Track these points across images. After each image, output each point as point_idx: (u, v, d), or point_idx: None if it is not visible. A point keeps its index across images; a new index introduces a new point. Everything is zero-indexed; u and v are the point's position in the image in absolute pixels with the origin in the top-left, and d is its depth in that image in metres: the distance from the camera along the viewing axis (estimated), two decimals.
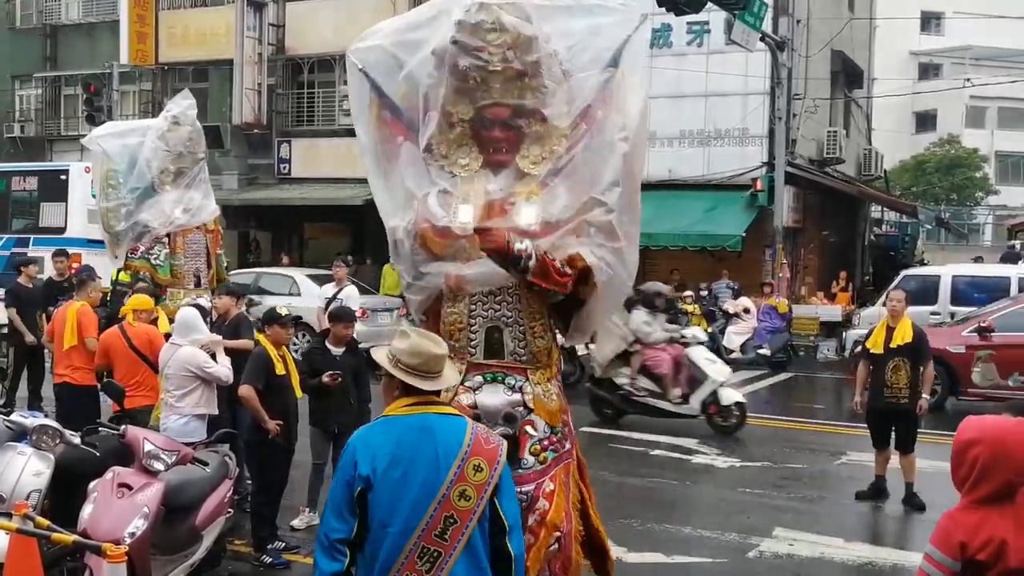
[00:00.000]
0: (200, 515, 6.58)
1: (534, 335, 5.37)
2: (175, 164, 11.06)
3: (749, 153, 23.37)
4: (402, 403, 4.03)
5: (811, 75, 24.54)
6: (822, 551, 8.34)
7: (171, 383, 7.97)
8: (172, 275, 10.90)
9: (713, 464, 11.39)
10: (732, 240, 21.82)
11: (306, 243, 30.15)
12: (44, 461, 6.41)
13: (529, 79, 5.29)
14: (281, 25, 28.36)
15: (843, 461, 11.73)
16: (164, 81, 30.14)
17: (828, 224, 27.69)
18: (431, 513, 3.78)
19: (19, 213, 23.04)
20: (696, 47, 23.42)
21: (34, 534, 5.37)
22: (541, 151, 5.34)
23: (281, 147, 28.40)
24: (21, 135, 33.08)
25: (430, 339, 4.16)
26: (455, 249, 5.34)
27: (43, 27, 33.37)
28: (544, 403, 5.36)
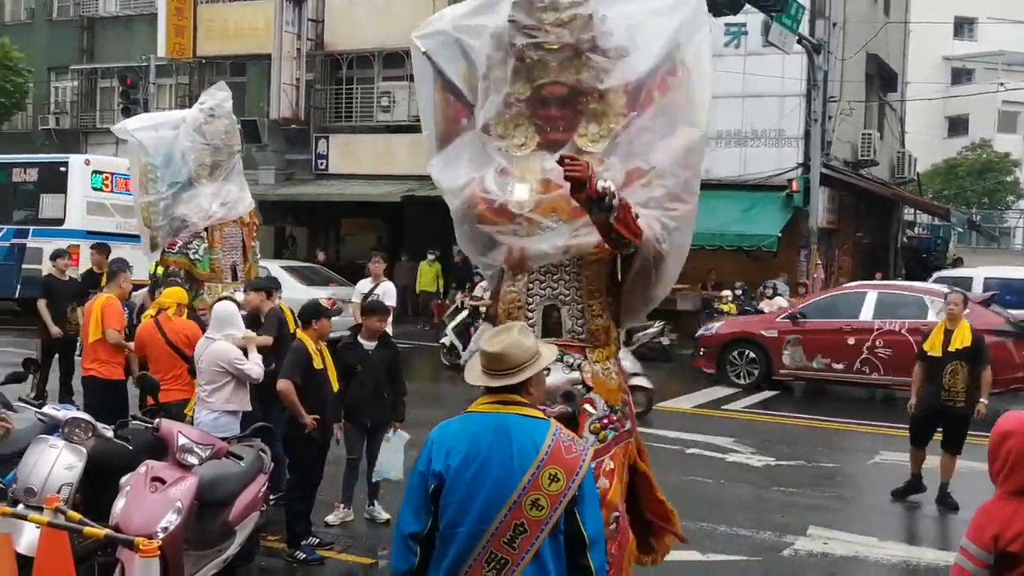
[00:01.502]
0: (234, 510, 6.52)
1: (592, 313, 5.31)
2: (212, 157, 11.02)
3: (785, 154, 23.41)
4: (483, 400, 3.95)
5: (846, 78, 24.65)
6: (856, 550, 8.33)
7: (203, 377, 7.93)
8: (210, 269, 10.88)
9: (748, 463, 11.38)
10: (768, 240, 21.90)
11: (343, 239, 30.22)
12: (76, 454, 6.37)
13: (585, 57, 5.26)
14: (320, 20, 28.38)
15: (877, 460, 11.76)
16: (201, 75, 30.24)
17: (862, 226, 27.79)
18: (501, 518, 3.70)
19: (20, 204, 23.28)
20: (733, 48, 23.45)
21: (66, 528, 5.35)
22: (599, 129, 5.30)
23: (319, 143, 28.42)
24: (56, 127, 33.38)
25: (496, 336, 4.04)
26: (512, 228, 5.30)
27: (80, 19, 33.64)
28: (603, 381, 5.29)
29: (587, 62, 5.27)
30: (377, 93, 27.75)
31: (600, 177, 4.84)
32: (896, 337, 15.29)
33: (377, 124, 27.60)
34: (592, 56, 5.25)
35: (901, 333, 15.17)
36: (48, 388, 12.22)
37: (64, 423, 6.48)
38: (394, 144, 26.90)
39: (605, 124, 5.30)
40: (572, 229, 5.15)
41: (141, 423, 6.63)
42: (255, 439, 7.41)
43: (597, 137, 5.30)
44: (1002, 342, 14.66)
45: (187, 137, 10.95)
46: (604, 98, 5.28)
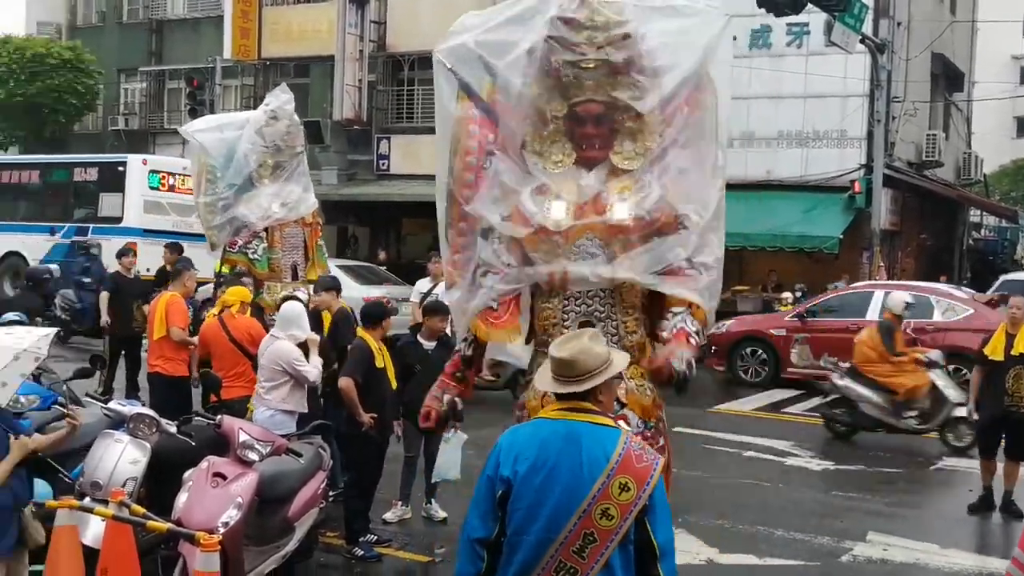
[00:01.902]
0: (293, 506, 6.59)
1: (627, 330, 5.27)
2: (273, 158, 11.12)
3: (847, 155, 23.09)
4: (552, 406, 3.91)
5: (911, 77, 24.26)
6: (917, 557, 8.22)
7: (263, 374, 8.04)
8: (270, 269, 11.00)
9: (807, 466, 11.32)
10: (829, 242, 21.65)
11: (403, 239, 30.40)
12: (141, 449, 6.51)
13: (623, 75, 5.22)
14: (382, 22, 28.58)
15: (939, 466, 11.63)
16: (266, 76, 30.61)
17: (926, 228, 27.38)
18: (570, 527, 3.64)
19: (80, 203, 23.70)
20: (795, 48, 23.27)
21: (130, 521, 5.47)
22: (635, 147, 5.27)
23: (380, 143, 28.61)
24: (125, 128, 33.93)
25: (573, 340, 3.99)
26: (549, 246, 5.26)
27: (149, 22, 34.21)
28: (638, 398, 5.24)
29: (623, 80, 5.22)
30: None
31: (676, 360, 4.89)
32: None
33: None
34: (629, 75, 5.22)
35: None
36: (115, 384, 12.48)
37: (129, 418, 6.62)
38: None
39: (641, 142, 5.26)
40: (610, 257, 5.16)
41: (203, 419, 6.76)
42: (315, 436, 7.51)
43: (632, 155, 5.26)
44: None
45: (248, 138, 11.07)
46: (640, 116, 5.25)
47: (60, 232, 22.93)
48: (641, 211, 5.15)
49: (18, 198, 24.74)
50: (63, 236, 22.76)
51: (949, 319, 15.76)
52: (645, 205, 5.17)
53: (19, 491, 5.15)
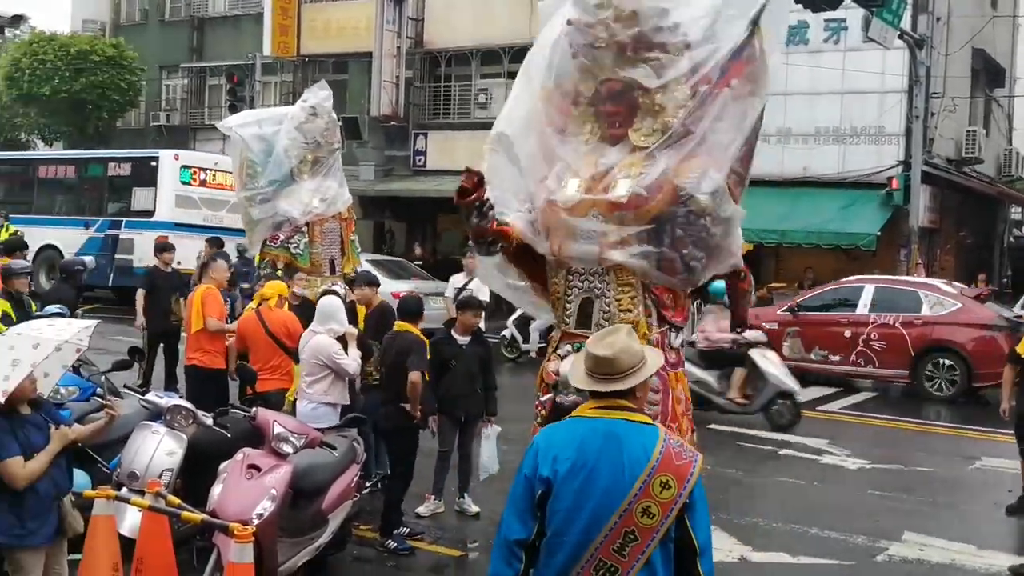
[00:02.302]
0: (327, 499, 6.63)
1: (620, 307, 5.39)
2: (312, 154, 11.22)
3: (885, 151, 22.84)
4: (590, 404, 3.85)
5: (950, 73, 23.94)
6: (953, 557, 8.11)
7: (304, 369, 8.17)
8: (311, 263, 11.11)
9: (843, 465, 11.20)
10: (866, 239, 21.44)
11: (439, 234, 30.51)
12: (177, 441, 6.61)
13: (637, 52, 5.28)
14: (420, 19, 28.66)
15: (977, 466, 11.47)
16: (305, 73, 30.80)
17: (965, 225, 27.00)
18: (611, 526, 3.62)
19: (114, 197, 24.22)
20: (833, 44, 23.04)
21: (165, 512, 5.56)
22: (654, 123, 5.33)
23: (417, 139, 28.72)
24: (167, 124, 34.29)
25: (604, 338, 3.97)
26: (556, 221, 5.46)
27: (190, 19, 34.51)
28: None
29: (639, 57, 5.28)
30: (475, 90, 27.95)
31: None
32: (890, 330, 15.82)
33: (474, 121, 27.71)
34: (644, 51, 5.27)
35: (895, 327, 15.67)
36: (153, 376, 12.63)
37: (166, 410, 6.73)
38: None
39: (661, 119, 5.31)
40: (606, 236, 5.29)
41: (239, 412, 6.83)
42: (349, 430, 7.57)
43: (650, 131, 5.33)
44: (991, 336, 15.27)
45: (288, 134, 11.16)
46: (664, 92, 5.28)
47: (94, 226, 23.53)
48: (639, 188, 5.23)
49: (55, 193, 25.28)
50: (97, 230, 23.38)
51: (937, 313, 15.99)
52: (644, 182, 5.24)
53: (59, 480, 5.24)
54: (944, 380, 15.78)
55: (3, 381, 4.94)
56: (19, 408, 5.12)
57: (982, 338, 15.32)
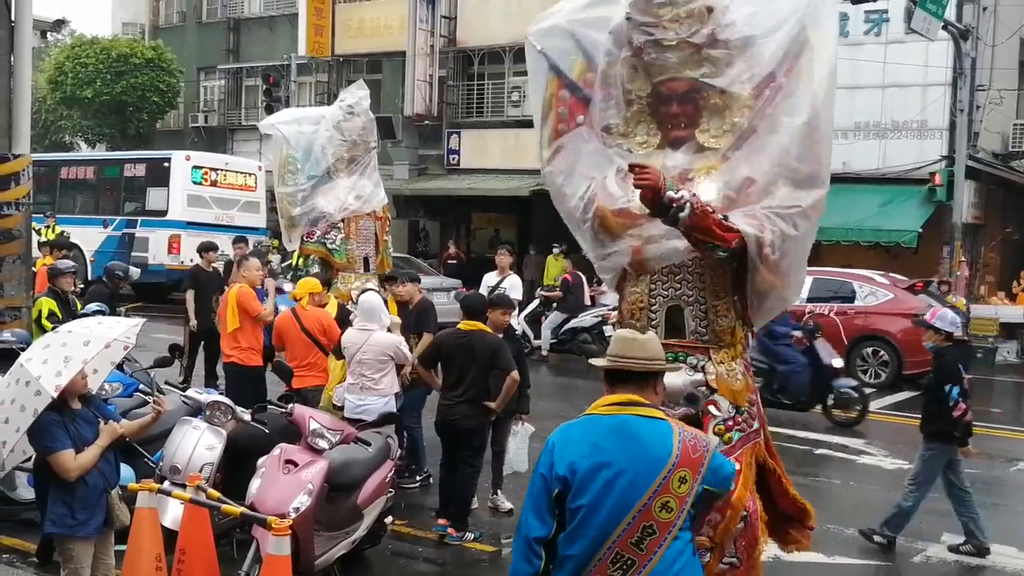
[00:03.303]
0: (362, 494, 6.69)
1: (716, 314, 5.26)
2: (349, 152, 11.31)
3: (928, 146, 22.53)
4: (605, 401, 3.87)
5: (997, 65, 23.37)
6: (993, 560, 7.98)
7: (367, 367, 8.36)
8: (346, 259, 11.22)
9: (880, 465, 11.07)
10: (908, 236, 21.19)
11: (473, 232, 30.58)
12: (217, 436, 6.70)
13: (704, 51, 5.17)
14: (453, 17, 28.76)
15: (1020, 467, 11.33)
16: (339, 73, 31.03)
17: (1012, 221, 26.32)
18: (629, 520, 3.65)
19: (130, 197, 24.97)
20: (874, 36, 22.72)
21: (206, 505, 5.65)
22: (722, 124, 5.21)
23: (451, 138, 28.81)
24: (205, 125, 34.67)
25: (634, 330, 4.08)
26: (637, 229, 5.27)
27: (227, 21, 34.86)
28: (728, 383, 5.24)
29: (707, 56, 5.16)
30: (508, 88, 28.00)
31: (673, 188, 4.83)
32: (825, 320, 15.93)
33: (507, 119, 27.82)
34: (712, 51, 5.15)
35: (830, 316, 16.07)
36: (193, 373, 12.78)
37: (206, 406, 6.83)
38: (524, 139, 27.05)
39: (728, 118, 5.20)
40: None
41: (276, 408, 6.91)
42: (384, 426, 7.63)
43: (719, 132, 5.21)
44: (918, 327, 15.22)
45: (326, 132, 11.27)
46: (727, 91, 5.17)
47: (112, 225, 24.34)
48: (729, 190, 5.10)
49: (75, 193, 26.06)
50: (114, 229, 24.18)
51: (870, 304, 16.54)
52: (732, 184, 5.12)
53: (108, 473, 5.42)
54: (875, 367, 16.44)
55: (56, 377, 5.09)
56: (70, 403, 5.29)
57: (912, 327, 15.48)
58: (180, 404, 7.17)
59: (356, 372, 8.45)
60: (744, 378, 5.34)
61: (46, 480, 5.33)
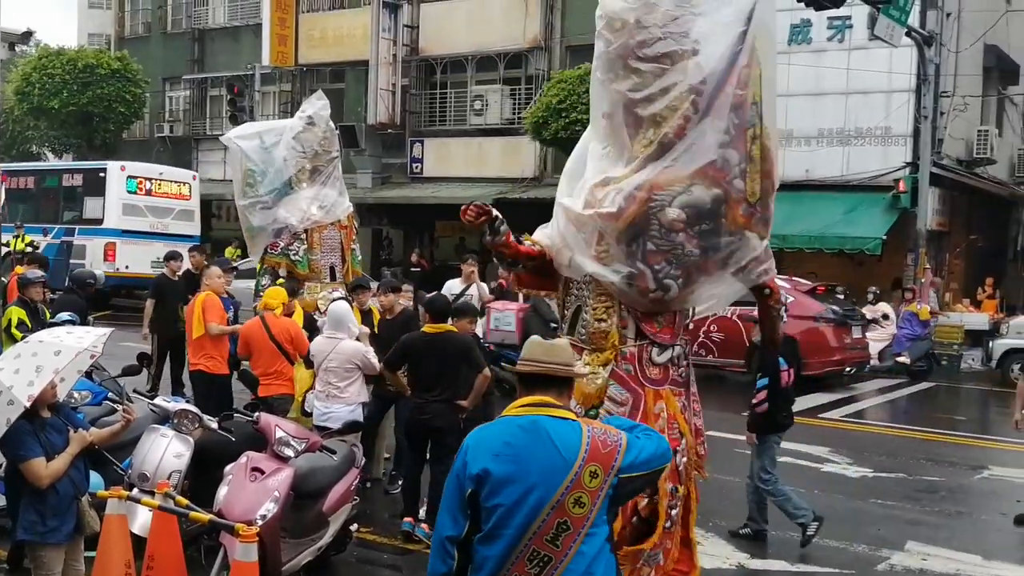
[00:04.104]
0: (327, 501, 6.74)
1: (594, 317, 5.42)
2: (311, 163, 11.39)
3: (892, 153, 22.56)
4: (517, 403, 3.93)
5: (961, 71, 23.45)
6: (958, 568, 7.91)
7: (334, 375, 8.43)
8: (309, 269, 11.22)
9: (844, 473, 11.01)
10: (872, 243, 21.17)
11: (436, 240, 30.62)
12: (184, 444, 6.72)
13: (631, 62, 5.22)
14: (415, 26, 28.84)
15: (984, 476, 11.24)
16: (303, 82, 31.03)
17: (976, 228, 26.48)
18: (543, 518, 3.69)
19: (68, 206, 25.62)
20: (837, 43, 22.73)
21: (174, 512, 5.69)
22: (654, 134, 5.24)
23: (414, 146, 28.90)
24: (171, 135, 34.58)
25: (547, 339, 4.14)
26: (564, 229, 5.54)
27: (191, 31, 34.77)
28: (581, 385, 5.28)
29: (633, 67, 5.21)
30: (470, 97, 28.10)
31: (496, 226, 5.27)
32: (728, 323, 16.45)
33: (470, 128, 27.92)
34: (637, 61, 5.19)
35: (732, 319, 16.27)
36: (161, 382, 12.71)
37: (173, 414, 6.84)
38: (487, 147, 27.22)
39: (662, 128, 5.20)
40: (589, 246, 5.36)
41: (243, 416, 6.94)
42: (349, 434, 7.67)
43: (647, 142, 5.25)
44: (817, 328, 16.37)
45: (287, 144, 11.33)
46: (665, 103, 5.18)
47: (51, 233, 24.80)
48: (620, 198, 5.22)
49: (18, 202, 26.37)
50: (54, 237, 24.67)
51: None
52: (625, 192, 5.22)
53: (78, 481, 5.45)
54: None
55: (28, 387, 5.15)
56: (40, 412, 5.33)
57: (811, 329, 16.27)
58: (148, 412, 7.17)
59: (324, 380, 8.53)
60: (604, 383, 5.38)
61: (18, 488, 5.38)
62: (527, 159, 26.64)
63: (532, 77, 26.93)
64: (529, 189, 25.57)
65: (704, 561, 7.57)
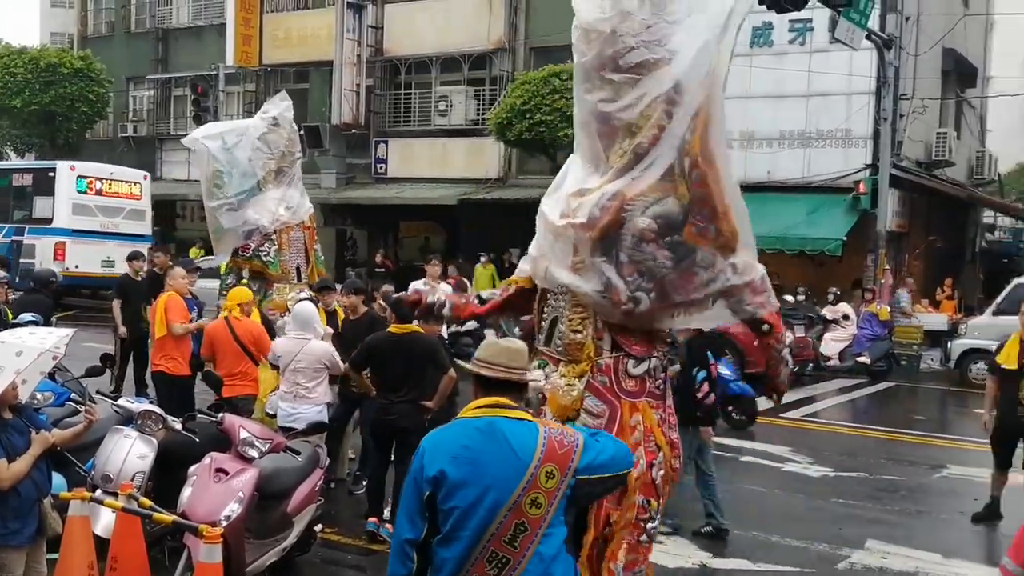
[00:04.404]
0: (292, 502, 6.75)
1: (570, 328, 5.40)
2: (277, 164, 11.38)
3: (852, 155, 22.73)
4: (474, 405, 3.94)
5: (920, 74, 23.72)
6: (917, 566, 8.02)
7: (302, 376, 8.43)
8: (280, 271, 11.23)
9: (805, 473, 11.12)
10: (833, 244, 21.30)
11: (401, 241, 30.60)
12: (148, 445, 6.69)
13: (606, 73, 5.21)
14: (380, 27, 28.79)
15: (944, 475, 11.38)
16: (267, 82, 30.92)
17: (935, 230, 26.71)
18: (501, 519, 3.71)
19: (18, 206, 25.45)
20: (798, 46, 22.82)
21: (138, 513, 5.67)
22: (628, 144, 5.22)
23: (378, 147, 28.86)
24: (135, 135, 34.33)
25: (506, 340, 4.14)
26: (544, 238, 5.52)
27: (155, 31, 34.56)
28: (557, 396, 5.33)
29: (607, 76, 5.20)
30: (435, 97, 28.08)
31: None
32: None
33: (434, 128, 27.92)
34: (613, 75, 5.17)
35: None
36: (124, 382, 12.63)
37: (137, 415, 6.82)
38: (451, 148, 27.23)
39: (637, 137, 5.18)
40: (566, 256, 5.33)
41: (206, 417, 6.93)
42: (313, 435, 7.67)
43: (622, 152, 5.24)
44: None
45: (251, 145, 11.30)
46: (639, 112, 5.15)
47: (1, 232, 24.78)
48: (595, 209, 5.18)
49: None
50: (4, 236, 24.62)
51: None
52: (600, 202, 5.18)
53: (40, 482, 5.39)
54: None
55: None
56: (2, 413, 5.27)
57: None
58: (111, 413, 7.13)
59: (291, 381, 8.49)
60: (580, 395, 5.34)
61: None
62: (491, 160, 26.64)
63: (496, 78, 26.98)
64: (493, 190, 25.61)
65: (667, 560, 7.70)
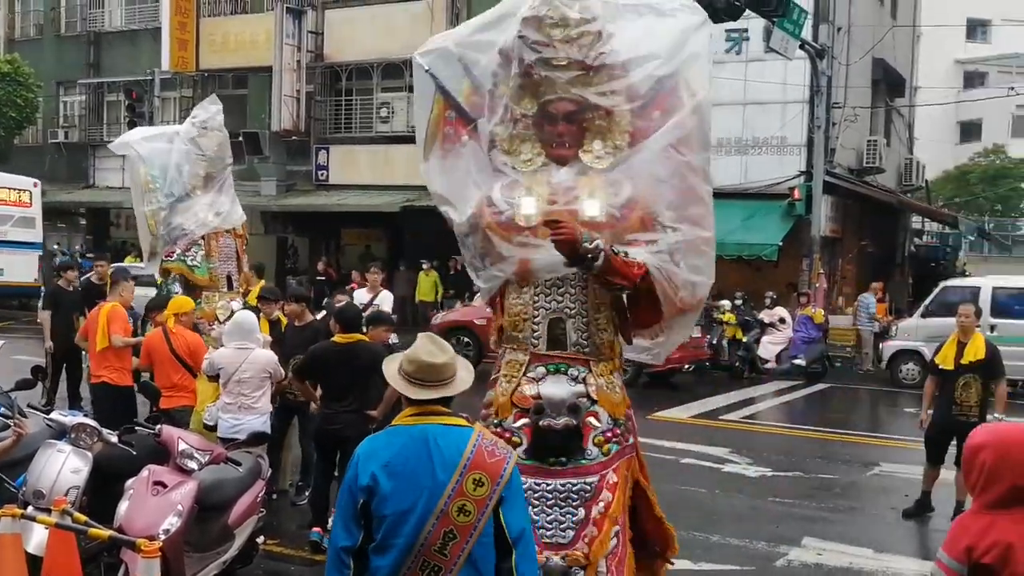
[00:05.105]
0: (233, 514, 6.66)
1: (598, 327, 5.33)
2: (206, 169, 11.28)
3: (787, 162, 23.21)
4: (407, 412, 3.93)
5: (851, 83, 24.31)
6: (851, 561, 8.23)
7: (248, 386, 8.32)
8: (208, 277, 11.09)
9: (744, 473, 11.30)
10: (768, 249, 21.74)
11: (342, 248, 30.40)
12: (82, 459, 6.53)
13: (593, 74, 5.26)
14: (320, 33, 28.60)
15: (876, 472, 11.64)
16: (204, 88, 30.40)
17: (867, 234, 27.41)
18: (429, 528, 3.72)
19: None
20: (734, 55, 23.23)
21: (72, 529, 5.51)
22: (604, 146, 5.30)
23: (319, 154, 28.64)
24: (66, 141, 33.68)
25: (433, 345, 4.02)
26: (520, 240, 5.32)
27: (87, 34, 33.90)
28: (608, 395, 5.31)
29: (594, 79, 5.26)
30: (376, 104, 27.99)
31: (588, 238, 4.95)
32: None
33: (376, 135, 27.81)
34: (599, 74, 5.25)
35: None
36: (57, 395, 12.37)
37: (71, 428, 6.65)
38: (393, 154, 27.14)
39: (611, 141, 5.30)
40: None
41: (144, 429, 6.79)
42: (255, 446, 7.59)
43: (602, 154, 5.30)
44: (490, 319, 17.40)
45: (180, 150, 11.19)
46: (610, 115, 5.29)
47: None
48: (612, 209, 5.19)
49: None
50: None
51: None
52: (616, 203, 5.21)
53: None
54: (462, 353, 17.77)
55: None
56: None
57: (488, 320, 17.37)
58: (44, 427, 6.95)
59: (234, 391, 8.35)
60: (621, 392, 5.42)
61: None
62: None
63: None
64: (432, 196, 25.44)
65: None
